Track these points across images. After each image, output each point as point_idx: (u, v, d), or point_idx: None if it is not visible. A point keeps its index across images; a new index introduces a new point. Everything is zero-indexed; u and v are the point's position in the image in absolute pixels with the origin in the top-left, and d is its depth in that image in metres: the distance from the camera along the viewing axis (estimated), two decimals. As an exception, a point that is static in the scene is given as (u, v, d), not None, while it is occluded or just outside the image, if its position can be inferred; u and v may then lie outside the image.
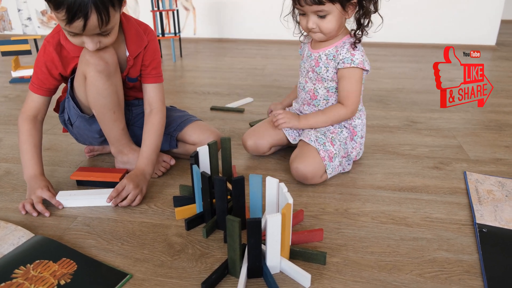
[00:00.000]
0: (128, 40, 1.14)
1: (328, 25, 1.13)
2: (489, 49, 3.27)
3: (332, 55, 1.19)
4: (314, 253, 0.86)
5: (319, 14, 1.12)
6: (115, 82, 1.11)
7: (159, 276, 0.84)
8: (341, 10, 1.11)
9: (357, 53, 1.16)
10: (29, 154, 1.12)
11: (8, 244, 0.92)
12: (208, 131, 1.28)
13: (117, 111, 1.15)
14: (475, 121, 1.71)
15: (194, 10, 3.64)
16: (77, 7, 0.88)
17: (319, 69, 1.22)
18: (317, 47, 1.23)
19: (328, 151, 1.17)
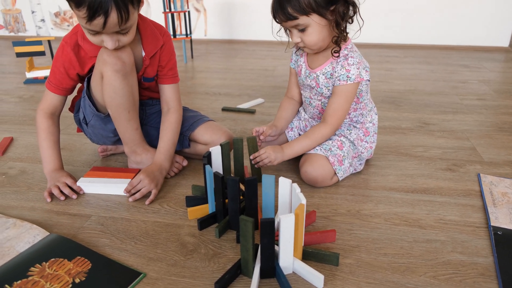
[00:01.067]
0: (144, 40, 1.16)
1: (310, 38, 1.08)
2: (502, 51, 3.24)
3: (329, 74, 1.15)
4: (327, 254, 0.86)
5: (298, 28, 1.07)
6: (131, 82, 1.12)
7: (172, 276, 0.84)
8: (320, 20, 1.05)
9: (352, 68, 1.11)
10: (49, 151, 1.18)
11: (24, 242, 0.93)
12: (220, 131, 1.28)
13: (132, 111, 1.16)
14: (489, 122, 1.69)
15: (205, 12, 3.66)
16: (98, 5, 0.90)
17: (320, 89, 1.19)
18: (314, 66, 1.19)
19: (336, 155, 1.16)
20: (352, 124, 1.25)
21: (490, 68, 2.68)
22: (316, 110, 1.26)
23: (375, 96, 2.02)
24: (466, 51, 3.22)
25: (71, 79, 1.16)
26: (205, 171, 1.00)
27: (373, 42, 3.46)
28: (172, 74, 1.24)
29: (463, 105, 1.92)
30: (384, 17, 3.37)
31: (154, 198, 1.11)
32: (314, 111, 1.27)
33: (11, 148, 1.47)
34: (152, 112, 1.33)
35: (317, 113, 1.27)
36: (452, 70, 2.61)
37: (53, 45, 3.17)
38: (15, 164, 1.34)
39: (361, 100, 1.21)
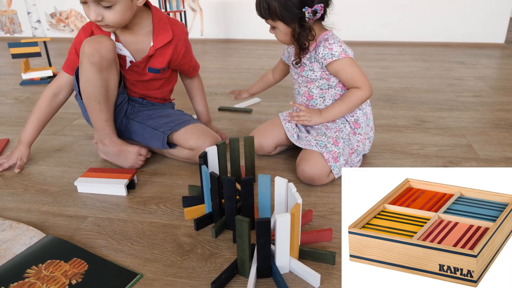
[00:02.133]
0: (154, 32, 1.23)
1: (278, 37, 1.21)
2: (498, 47, 3.25)
3: (313, 57, 1.21)
4: (323, 253, 0.86)
5: (271, 27, 1.20)
6: (106, 76, 1.16)
7: (169, 276, 0.84)
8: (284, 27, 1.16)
9: (334, 46, 1.16)
10: (29, 124, 1.31)
11: (20, 244, 0.93)
12: (205, 135, 1.26)
13: (102, 103, 1.20)
14: (485, 119, 1.69)
15: (201, 11, 3.65)
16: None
17: (305, 72, 1.24)
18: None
19: (331, 152, 1.16)
20: (344, 118, 1.26)
21: (486, 64, 2.68)
22: (304, 98, 1.30)
23: (372, 94, 2.02)
24: (462, 48, 3.23)
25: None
26: (201, 171, 1.00)
27: (368, 40, 3.46)
28: (193, 68, 1.44)
29: (459, 102, 1.92)
30: (379, 14, 3.37)
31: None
32: (302, 99, 1.31)
33: (7, 150, 1.47)
34: (140, 110, 1.35)
35: (304, 100, 1.30)
36: (448, 67, 2.62)
37: (49, 46, 3.16)
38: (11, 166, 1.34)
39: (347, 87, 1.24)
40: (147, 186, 1.20)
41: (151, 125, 1.29)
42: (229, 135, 1.57)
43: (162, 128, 1.27)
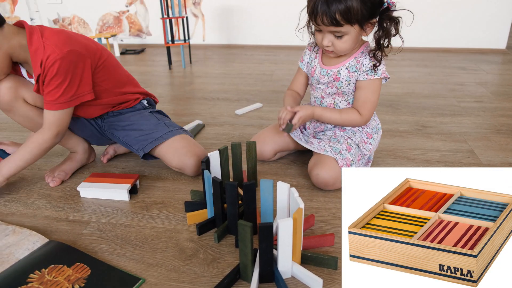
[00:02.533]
0: (32, 64, 1.09)
1: (344, 45, 1.10)
2: (500, 53, 3.25)
3: (354, 67, 1.16)
4: (325, 257, 0.86)
5: (336, 35, 1.08)
6: (18, 113, 1.18)
7: (172, 281, 0.84)
8: (359, 30, 1.07)
9: (380, 65, 1.14)
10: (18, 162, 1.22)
11: (23, 249, 0.93)
12: (186, 156, 1.21)
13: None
14: (487, 125, 1.69)
15: (203, 17, 3.67)
16: None
17: (340, 83, 1.19)
18: (333, 63, 1.20)
19: (345, 158, 1.16)
20: (358, 128, 1.25)
21: (488, 70, 2.69)
22: None
23: (373, 100, 2.03)
24: (463, 54, 3.24)
25: None
26: (203, 176, 1.01)
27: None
28: (49, 100, 1.10)
29: (461, 107, 1.92)
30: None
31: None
32: None
33: (10, 155, 1.48)
34: (113, 121, 1.30)
35: None
36: (449, 73, 2.62)
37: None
38: (14, 171, 1.35)
39: None
40: (149, 191, 1.20)
41: (125, 140, 1.27)
42: (231, 140, 1.57)
43: (137, 146, 1.25)
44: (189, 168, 1.22)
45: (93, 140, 1.38)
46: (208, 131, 1.67)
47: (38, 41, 1.06)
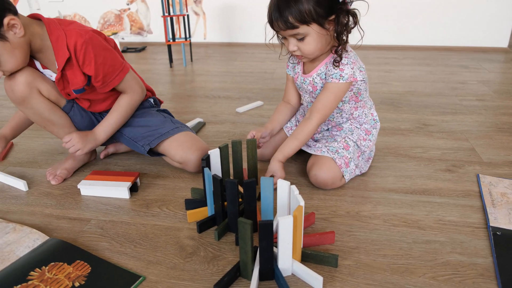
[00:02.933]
0: (55, 53, 1.12)
1: (308, 47, 1.08)
2: (502, 51, 3.24)
3: (324, 74, 1.15)
4: (326, 255, 0.86)
5: (297, 37, 1.07)
6: (30, 106, 1.17)
7: (172, 278, 0.84)
8: (319, 30, 1.05)
9: (346, 67, 1.10)
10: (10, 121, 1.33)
11: (23, 246, 0.93)
12: (190, 149, 1.22)
13: (47, 125, 1.24)
14: (488, 123, 1.69)
15: (204, 15, 3.67)
16: None
17: (318, 92, 1.19)
18: (309, 70, 1.20)
19: (343, 157, 1.16)
20: (354, 124, 1.25)
21: (490, 68, 2.68)
22: None
23: (374, 98, 2.02)
24: (465, 52, 3.23)
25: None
26: (204, 174, 1.01)
27: (372, 44, 3.47)
28: (110, 80, 1.17)
29: (463, 106, 1.92)
30: (382, 19, 3.38)
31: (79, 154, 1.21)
32: None
33: (11, 153, 1.48)
34: None
35: None
36: (451, 71, 2.61)
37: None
38: (15, 169, 1.35)
39: (360, 99, 1.21)
40: (150, 189, 1.20)
41: (130, 136, 1.29)
42: (232, 138, 1.57)
43: (142, 142, 1.26)
44: (191, 162, 1.22)
45: None
46: (209, 129, 1.67)
47: (58, 29, 1.10)
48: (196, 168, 1.24)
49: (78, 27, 1.12)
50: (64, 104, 1.23)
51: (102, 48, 1.13)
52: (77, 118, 1.27)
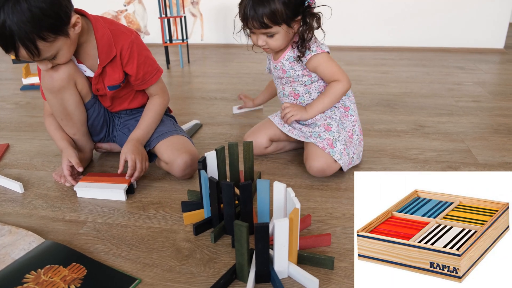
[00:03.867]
0: (99, 49, 1.15)
1: (276, 43, 1.21)
2: (498, 53, 3.25)
3: (292, 57, 1.26)
4: (322, 257, 0.86)
5: (267, 35, 1.19)
6: (61, 96, 1.18)
7: (168, 281, 0.84)
8: (286, 29, 1.18)
9: (311, 44, 1.22)
10: (56, 133, 1.27)
11: (19, 249, 0.93)
12: (178, 151, 1.21)
13: (65, 120, 1.23)
14: (484, 125, 1.69)
15: (201, 17, 3.67)
16: (5, 41, 0.96)
17: (288, 74, 1.29)
18: (277, 56, 1.30)
19: (325, 139, 1.21)
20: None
21: (485, 70, 2.69)
22: (291, 97, 1.34)
23: (370, 99, 2.03)
24: (461, 53, 3.24)
25: None
26: (200, 176, 1.01)
27: (368, 45, 3.47)
28: (147, 79, 1.24)
29: (458, 107, 1.92)
30: (379, 20, 3.39)
31: (148, 166, 1.22)
32: (289, 99, 1.35)
33: (7, 155, 1.47)
34: (127, 120, 1.36)
35: (292, 100, 1.34)
36: (447, 72, 2.62)
37: (49, 51, 3.16)
38: (11, 171, 1.34)
39: None
40: (146, 191, 1.20)
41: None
42: (228, 140, 1.57)
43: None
44: (177, 163, 1.19)
45: (98, 135, 1.36)
46: (206, 130, 1.67)
47: (103, 27, 1.15)
48: (181, 171, 1.21)
49: (121, 25, 1.20)
50: (88, 100, 1.25)
51: (144, 48, 1.22)
52: (94, 114, 1.29)
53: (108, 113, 1.35)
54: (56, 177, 1.25)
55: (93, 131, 1.33)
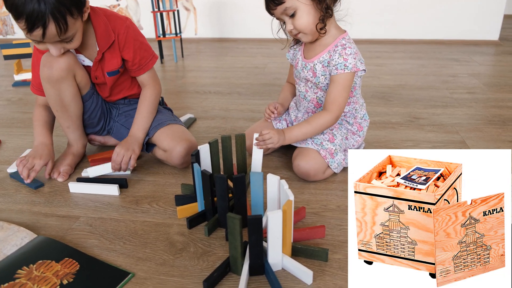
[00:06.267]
0: (97, 36, 1.17)
1: (300, 21, 1.09)
2: (492, 44, 3.26)
3: (326, 62, 1.16)
4: (316, 250, 0.86)
5: (288, 14, 1.09)
6: (58, 87, 1.17)
7: (161, 275, 0.84)
8: (308, 3, 1.07)
9: (349, 57, 1.12)
10: (37, 129, 1.25)
11: (11, 245, 0.92)
12: (178, 139, 1.22)
13: (60, 111, 1.23)
14: (479, 116, 1.69)
15: (194, 10, 3.65)
16: (36, 17, 0.95)
17: (317, 79, 1.19)
18: (310, 56, 1.20)
19: (327, 149, 1.16)
20: (345, 119, 1.25)
21: (480, 61, 2.69)
22: (311, 104, 1.25)
23: (365, 91, 2.03)
24: (456, 45, 3.24)
25: None
26: (193, 169, 1.00)
27: (363, 37, 3.46)
28: (142, 65, 1.25)
29: (453, 99, 1.92)
30: (373, 12, 3.38)
31: (135, 162, 1.19)
32: (308, 105, 1.26)
33: (0, 151, 1.46)
34: (125, 110, 1.36)
35: (311, 107, 1.26)
36: (442, 64, 2.62)
37: (42, 47, 3.13)
38: (3, 167, 1.33)
39: (354, 94, 1.22)
40: (139, 185, 1.19)
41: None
42: (222, 133, 1.56)
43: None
44: (176, 151, 1.20)
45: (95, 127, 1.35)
46: (200, 124, 1.66)
47: (100, 14, 1.17)
48: (180, 158, 1.21)
49: (114, 12, 1.22)
50: (86, 92, 1.25)
51: (139, 33, 1.24)
52: (93, 106, 1.29)
53: (105, 105, 1.35)
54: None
55: (90, 123, 1.32)
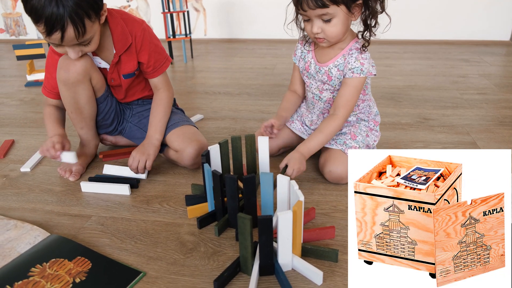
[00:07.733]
0: (114, 39, 1.19)
1: (334, 29, 1.06)
2: (503, 45, 3.22)
3: (342, 65, 1.14)
4: (326, 250, 0.86)
5: (324, 18, 1.05)
6: (74, 90, 1.19)
7: (172, 274, 0.85)
8: (346, 12, 1.05)
9: (365, 62, 1.12)
10: (49, 125, 1.25)
11: (24, 243, 0.94)
12: (189, 140, 1.23)
13: (74, 113, 1.25)
14: (489, 117, 1.68)
15: (204, 11, 3.66)
16: (54, 20, 0.97)
17: (333, 82, 1.17)
18: (324, 60, 1.17)
19: (352, 147, 1.17)
20: (360, 117, 1.26)
21: (491, 62, 2.67)
22: (327, 105, 1.24)
23: (375, 92, 2.02)
24: (466, 46, 3.21)
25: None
26: (203, 169, 1.01)
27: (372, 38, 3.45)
28: (157, 67, 1.26)
29: (463, 99, 1.91)
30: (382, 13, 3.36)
31: (150, 167, 1.20)
32: (324, 106, 1.24)
33: (12, 151, 1.48)
34: (139, 111, 1.38)
35: (328, 107, 1.24)
36: (452, 65, 2.60)
37: (53, 48, 3.17)
38: (16, 166, 1.35)
39: (367, 92, 1.23)
40: (150, 185, 1.20)
41: (145, 129, 1.32)
42: (232, 134, 1.57)
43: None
44: (187, 151, 1.21)
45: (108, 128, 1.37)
46: (209, 125, 1.67)
47: (116, 17, 1.19)
48: (190, 159, 1.22)
49: (130, 14, 1.23)
50: (101, 94, 1.27)
51: (154, 36, 1.26)
52: (107, 108, 1.31)
53: (119, 105, 1.37)
54: (61, 171, 1.25)
55: (103, 124, 1.34)
